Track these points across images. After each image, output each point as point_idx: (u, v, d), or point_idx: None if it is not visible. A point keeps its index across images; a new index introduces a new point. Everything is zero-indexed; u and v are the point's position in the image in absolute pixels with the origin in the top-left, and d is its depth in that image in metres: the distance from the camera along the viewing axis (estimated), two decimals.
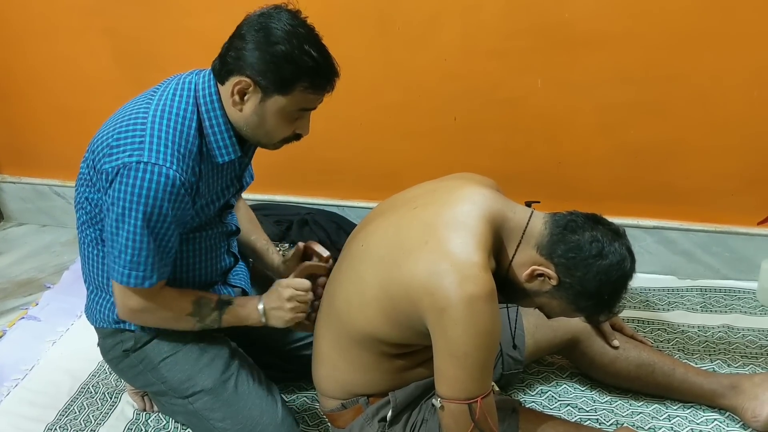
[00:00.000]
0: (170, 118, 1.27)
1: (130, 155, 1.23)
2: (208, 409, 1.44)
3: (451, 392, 1.16)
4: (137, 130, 1.25)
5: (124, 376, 1.57)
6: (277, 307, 1.39)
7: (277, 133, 1.31)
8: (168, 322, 1.40)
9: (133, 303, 1.33)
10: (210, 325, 1.40)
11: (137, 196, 1.22)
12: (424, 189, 1.35)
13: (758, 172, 1.92)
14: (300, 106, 1.27)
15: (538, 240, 1.22)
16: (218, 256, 1.49)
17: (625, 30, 1.82)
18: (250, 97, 1.25)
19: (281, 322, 1.40)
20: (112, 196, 1.24)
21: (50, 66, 2.29)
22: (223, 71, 1.27)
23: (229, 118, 1.30)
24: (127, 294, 1.32)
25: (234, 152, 1.32)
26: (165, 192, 1.23)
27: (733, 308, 1.94)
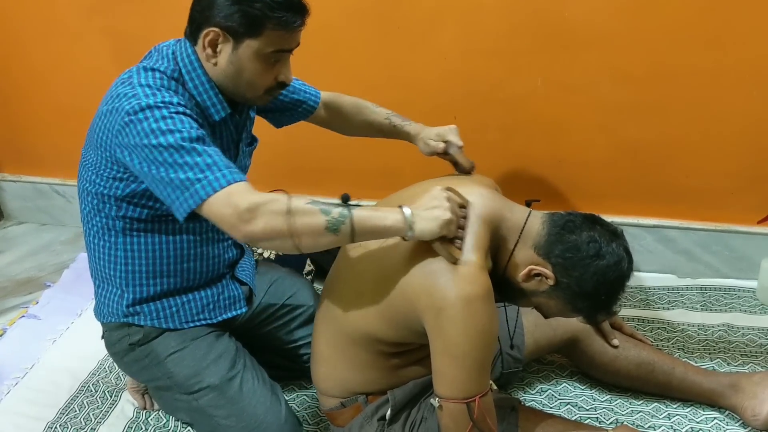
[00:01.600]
0: (154, 75, 1.26)
1: (129, 105, 1.20)
2: (213, 406, 1.43)
3: (449, 392, 1.16)
4: (126, 91, 1.23)
5: (128, 370, 1.56)
6: (433, 207, 1.17)
7: (258, 81, 1.28)
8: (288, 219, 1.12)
9: (236, 203, 1.12)
10: (340, 220, 1.14)
11: (156, 123, 1.17)
12: (422, 188, 1.34)
13: (758, 170, 1.92)
14: (275, 47, 1.25)
15: (536, 240, 1.22)
16: (224, 246, 1.48)
17: (624, 29, 1.82)
18: (222, 47, 1.24)
19: (436, 223, 1.14)
20: (135, 144, 1.18)
21: (50, 65, 2.29)
22: (193, 29, 1.27)
23: (211, 77, 1.29)
24: (222, 203, 1.13)
25: (224, 109, 1.31)
26: (178, 113, 1.19)
27: (733, 307, 1.94)
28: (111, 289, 1.44)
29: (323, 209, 1.14)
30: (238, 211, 1.12)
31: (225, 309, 1.50)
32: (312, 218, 1.14)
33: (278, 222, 1.12)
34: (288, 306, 1.64)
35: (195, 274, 1.44)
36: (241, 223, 1.12)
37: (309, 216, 1.14)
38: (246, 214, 1.12)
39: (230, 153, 1.42)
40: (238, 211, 1.12)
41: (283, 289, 1.65)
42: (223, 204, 1.13)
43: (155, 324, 1.44)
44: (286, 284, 1.66)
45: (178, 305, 1.45)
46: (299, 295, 1.66)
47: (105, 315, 1.47)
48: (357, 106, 1.68)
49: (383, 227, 1.16)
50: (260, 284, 1.63)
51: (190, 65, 1.29)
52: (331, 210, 1.15)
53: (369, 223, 1.15)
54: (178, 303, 1.44)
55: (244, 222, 1.12)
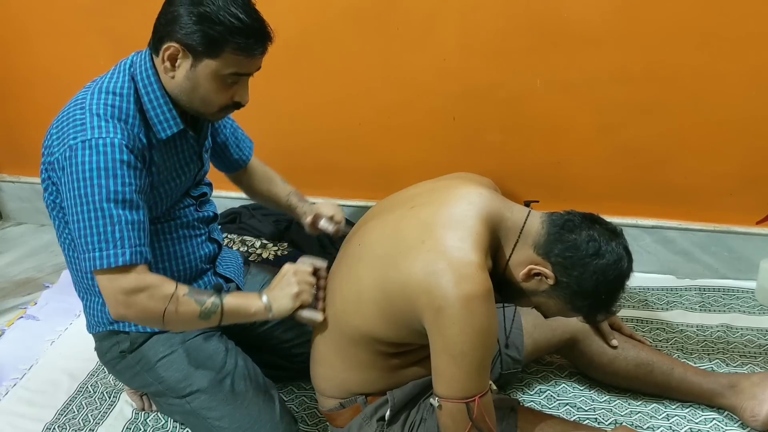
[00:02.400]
0: (107, 98, 1.27)
1: (74, 138, 1.23)
2: (206, 408, 1.44)
3: (448, 391, 1.16)
4: (77, 116, 1.25)
5: (121, 377, 1.57)
6: (282, 286, 1.33)
7: (213, 100, 1.29)
8: (164, 308, 1.25)
9: (120, 285, 1.22)
10: (212, 310, 1.28)
11: (89, 171, 1.20)
12: (422, 188, 1.35)
13: (757, 171, 1.92)
14: (233, 70, 1.25)
15: (535, 239, 1.22)
16: (198, 243, 1.49)
17: (623, 29, 1.83)
18: (181, 63, 1.25)
19: (288, 299, 1.31)
20: (67, 182, 1.23)
21: (49, 66, 2.29)
22: (155, 40, 1.27)
23: (166, 90, 1.30)
24: (111, 279, 1.22)
25: (176, 125, 1.32)
26: (115, 161, 1.22)
27: (732, 307, 1.94)
28: (93, 299, 1.45)
29: (197, 300, 1.28)
30: (118, 292, 1.22)
31: None
32: (187, 307, 1.27)
33: (156, 308, 1.24)
34: None
35: (173, 274, 1.44)
36: (116, 305, 1.23)
37: (185, 305, 1.26)
38: (122, 297, 1.22)
39: (194, 164, 1.44)
40: (119, 292, 1.22)
41: None
42: (109, 281, 1.22)
43: (140, 329, 1.45)
44: None
45: None
46: None
47: (93, 325, 1.49)
48: (267, 176, 1.73)
49: (248, 314, 1.33)
50: (253, 284, 1.64)
51: (147, 79, 1.30)
52: (205, 300, 1.28)
53: (236, 311, 1.32)
54: None
55: (119, 304, 1.23)
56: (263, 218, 2.21)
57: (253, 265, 1.73)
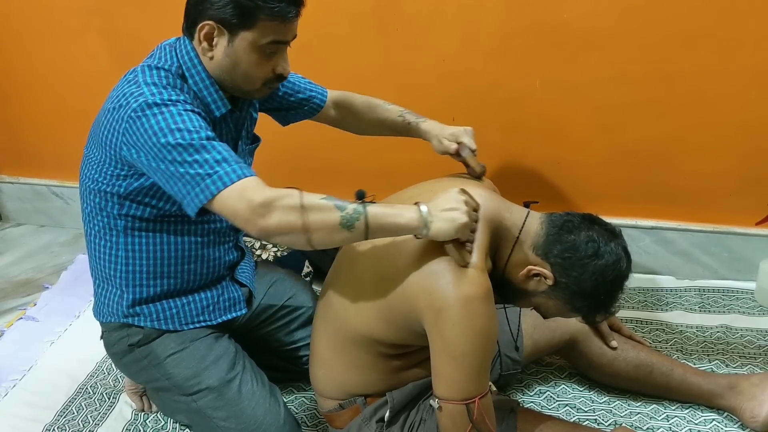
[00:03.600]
0: (159, 73, 1.27)
1: (135, 101, 1.20)
2: (212, 408, 1.43)
3: (448, 393, 1.16)
4: (132, 90, 1.23)
5: (126, 370, 1.56)
6: (451, 208, 1.15)
7: (255, 73, 1.28)
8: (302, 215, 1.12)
9: (249, 198, 1.11)
10: (354, 217, 1.13)
11: (164, 121, 1.17)
12: (421, 189, 1.35)
13: (756, 172, 1.92)
14: (270, 38, 1.24)
15: (535, 240, 1.22)
16: (226, 249, 1.49)
17: (623, 30, 1.83)
18: (218, 40, 1.25)
19: (453, 225, 1.14)
20: (144, 142, 1.18)
21: (48, 66, 2.29)
22: (189, 24, 1.27)
23: (209, 72, 1.29)
24: (236, 198, 1.12)
25: (224, 105, 1.32)
26: (186, 111, 1.20)
27: (732, 308, 1.94)
28: (111, 290, 1.44)
29: (338, 205, 1.14)
30: (251, 205, 1.11)
31: (225, 311, 1.50)
32: (326, 214, 1.13)
33: (292, 217, 1.12)
34: (287, 307, 1.63)
35: (195, 276, 1.44)
36: (255, 217, 1.11)
37: (323, 212, 1.13)
38: (260, 209, 1.11)
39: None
40: (252, 205, 1.11)
41: (282, 291, 1.65)
42: (237, 199, 1.13)
43: (155, 325, 1.44)
44: (286, 285, 1.66)
45: (178, 307, 1.44)
46: (298, 296, 1.66)
47: (105, 315, 1.47)
48: (369, 104, 1.67)
49: (398, 225, 1.15)
50: (260, 286, 1.63)
51: (189, 62, 1.29)
52: (346, 206, 1.14)
53: (384, 220, 1.15)
54: (178, 305, 1.44)
55: (258, 216, 1.11)
56: None
57: (261, 265, 1.72)
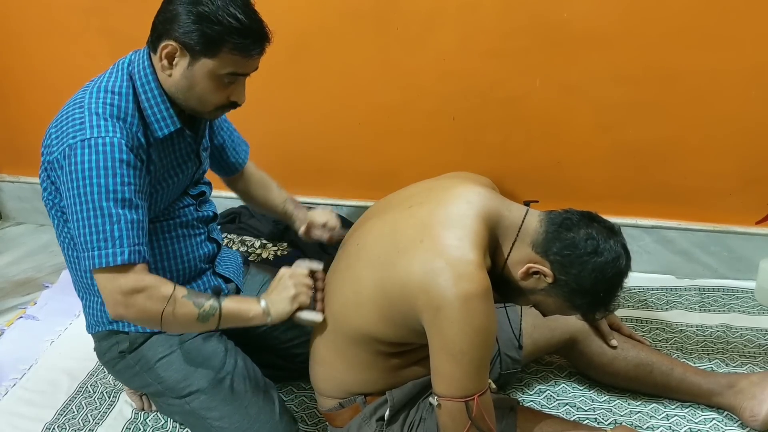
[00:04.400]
0: (106, 97, 1.28)
1: (73, 137, 1.23)
2: (205, 409, 1.43)
3: (447, 390, 1.16)
4: (76, 115, 1.26)
5: (121, 378, 1.57)
6: (280, 290, 1.35)
7: (210, 99, 1.29)
8: (162, 309, 1.25)
9: (119, 284, 1.22)
10: (210, 313, 1.29)
11: (89, 170, 1.21)
12: (420, 188, 1.35)
13: (756, 171, 1.92)
14: (230, 70, 1.26)
15: (534, 238, 1.22)
16: (198, 242, 1.49)
17: (623, 29, 1.83)
18: (179, 61, 1.26)
19: (287, 302, 1.33)
20: (66, 180, 1.23)
21: (48, 65, 2.29)
22: (153, 38, 1.28)
23: (164, 88, 1.30)
24: (110, 278, 1.22)
25: (173, 124, 1.32)
26: (115, 160, 1.22)
27: (732, 307, 1.94)
28: (92, 299, 1.45)
29: (196, 302, 1.28)
30: (117, 292, 1.22)
31: None
32: (186, 309, 1.27)
33: (154, 309, 1.24)
34: None
35: (172, 274, 1.45)
36: (115, 306, 1.24)
37: (183, 308, 1.27)
38: (121, 297, 1.22)
39: (191, 163, 1.44)
40: (118, 292, 1.22)
41: None
42: (108, 280, 1.23)
43: (139, 329, 1.45)
44: None
45: None
46: None
47: (92, 325, 1.49)
48: (263, 182, 1.73)
49: (247, 318, 1.33)
50: (253, 284, 1.64)
51: (144, 78, 1.30)
52: (203, 303, 1.29)
53: (234, 315, 1.32)
54: None
55: (119, 305, 1.23)
56: (263, 218, 2.21)
57: (253, 266, 1.73)
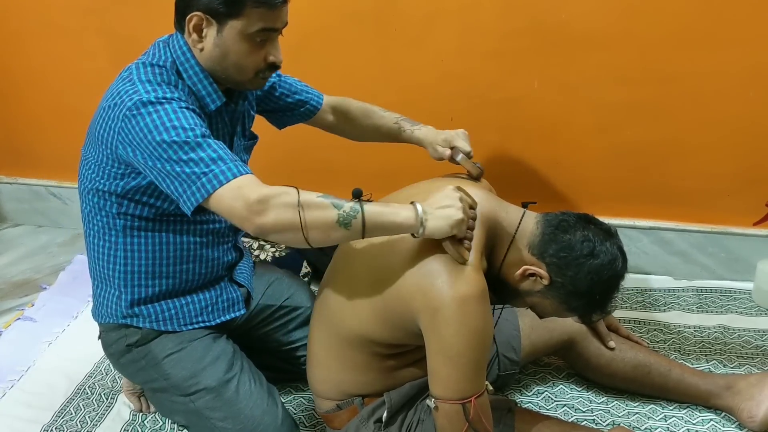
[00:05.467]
0: (153, 69, 1.28)
1: (130, 100, 1.21)
2: (210, 408, 1.43)
3: (444, 392, 1.16)
4: (127, 87, 1.24)
5: (124, 371, 1.56)
6: (446, 206, 1.16)
7: (246, 62, 1.28)
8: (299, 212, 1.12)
9: (246, 195, 1.11)
10: (351, 215, 1.13)
11: (159, 118, 1.18)
12: (417, 189, 1.35)
13: (754, 172, 1.92)
14: (259, 26, 1.24)
15: (530, 240, 1.22)
16: (224, 249, 1.49)
17: (621, 31, 1.83)
18: (207, 31, 1.25)
19: (448, 222, 1.14)
20: (140, 139, 1.18)
21: (47, 66, 2.29)
22: (179, 17, 1.28)
23: (203, 65, 1.30)
24: (232, 196, 1.12)
25: (219, 98, 1.32)
26: (181, 108, 1.20)
27: (729, 309, 1.95)
28: (109, 290, 1.44)
29: (334, 203, 1.14)
30: (248, 203, 1.11)
31: (223, 311, 1.50)
32: (323, 212, 1.13)
33: (289, 214, 1.11)
34: (285, 307, 1.63)
35: (194, 276, 1.44)
36: (252, 215, 1.11)
37: (320, 209, 1.13)
38: (256, 206, 1.11)
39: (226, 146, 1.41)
40: (248, 202, 1.11)
41: (280, 291, 1.65)
42: (233, 197, 1.13)
43: (154, 326, 1.44)
44: (284, 286, 1.66)
45: (177, 307, 1.45)
46: (296, 296, 1.66)
47: (103, 316, 1.47)
48: (365, 110, 1.67)
49: (395, 223, 1.15)
50: (258, 286, 1.63)
51: (183, 56, 1.30)
52: (343, 204, 1.14)
53: (381, 218, 1.15)
54: (176, 305, 1.45)
55: (255, 214, 1.11)
56: None
57: (259, 266, 1.72)
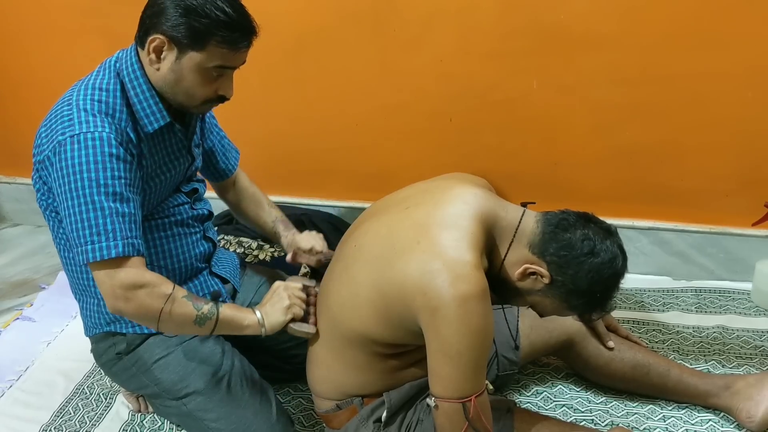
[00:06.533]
0: (93, 94, 1.28)
1: (62, 133, 1.23)
2: (202, 410, 1.43)
3: (444, 391, 1.16)
4: (64, 113, 1.26)
5: (117, 379, 1.57)
6: (275, 302, 1.37)
7: (197, 92, 1.30)
8: (161, 306, 1.25)
9: (119, 279, 1.22)
10: (207, 316, 1.30)
11: (78, 165, 1.21)
12: (416, 189, 1.35)
13: (753, 173, 1.92)
14: (217, 63, 1.26)
15: (530, 238, 1.22)
16: (193, 241, 1.49)
17: (620, 31, 1.83)
18: (167, 55, 1.26)
19: (280, 313, 1.35)
20: (57, 177, 1.23)
21: (46, 66, 2.29)
22: (141, 33, 1.29)
23: (152, 83, 1.31)
24: (108, 273, 1.22)
25: (162, 118, 1.32)
26: (105, 154, 1.22)
27: (728, 309, 1.95)
28: (90, 300, 1.45)
29: (195, 304, 1.29)
30: (118, 286, 1.22)
31: None
32: (184, 310, 1.28)
33: (154, 305, 1.24)
34: None
35: (168, 273, 1.44)
36: (115, 299, 1.23)
37: (182, 307, 1.27)
38: (121, 292, 1.22)
39: (183, 159, 1.44)
40: (119, 286, 1.22)
41: None
42: (106, 274, 1.22)
43: (137, 330, 1.45)
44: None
45: None
46: None
47: (89, 328, 1.49)
48: (255, 199, 1.71)
49: (241, 326, 1.35)
50: (250, 285, 1.64)
51: (132, 73, 1.31)
52: (202, 306, 1.30)
53: (230, 323, 1.33)
54: None
55: (118, 298, 1.23)
56: None
57: (250, 267, 1.73)
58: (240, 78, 2.14)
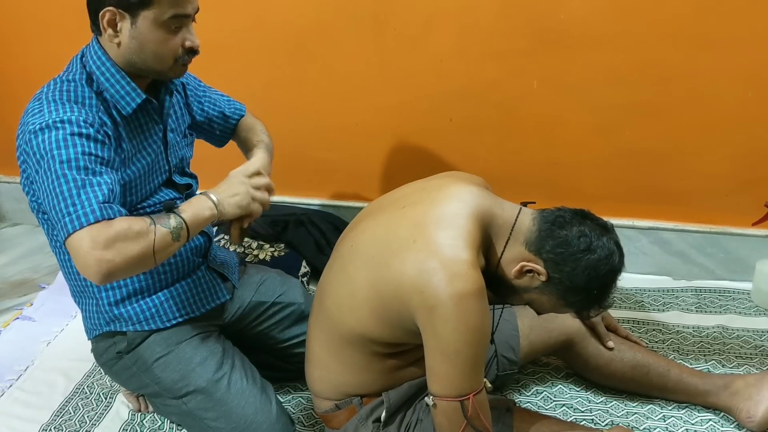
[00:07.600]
0: (61, 85, 1.29)
1: (32, 124, 1.24)
2: (202, 409, 1.44)
3: (442, 390, 1.16)
4: (35, 108, 1.27)
5: (118, 378, 1.57)
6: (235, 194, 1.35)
7: (164, 50, 1.29)
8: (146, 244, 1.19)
9: (94, 240, 1.14)
10: (178, 227, 1.24)
11: (49, 149, 1.20)
12: (413, 188, 1.35)
13: (753, 173, 1.92)
14: (171, 13, 1.25)
15: (527, 236, 1.22)
16: None
17: (620, 32, 1.83)
18: (121, 25, 1.26)
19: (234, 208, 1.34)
20: (32, 164, 1.24)
21: (44, 66, 2.26)
22: (92, 17, 1.29)
23: (118, 63, 1.31)
24: (83, 239, 1.15)
25: (138, 96, 1.32)
26: (74, 134, 1.22)
27: (728, 309, 1.95)
28: (89, 301, 1.45)
29: (164, 224, 1.22)
30: (96, 247, 1.14)
31: (206, 300, 1.51)
32: (162, 235, 1.21)
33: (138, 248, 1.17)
34: (278, 304, 1.63)
35: (166, 267, 1.44)
36: (100, 262, 1.14)
37: (159, 234, 1.21)
38: (100, 253, 1.14)
39: (157, 145, 1.43)
40: (96, 246, 1.14)
41: (273, 288, 1.65)
42: (83, 240, 1.14)
43: (137, 328, 1.44)
44: (276, 283, 1.67)
45: (157, 305, 1.45)
46: (289, 292, 1.66)
47: (90, 330, 1.49)
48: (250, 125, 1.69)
49: (204, 218, 1.29)
50: (250, 284, 1.63)
51: (98, 60, 1.31)
52: (170, 223, 1.23)
53: (197, 221, 1.28)
54: (156, 302, 1.45)
55: (103, 261, 1.14)
56: (260, 219, 2.20)
57: (250, 266, 1.73)
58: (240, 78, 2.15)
